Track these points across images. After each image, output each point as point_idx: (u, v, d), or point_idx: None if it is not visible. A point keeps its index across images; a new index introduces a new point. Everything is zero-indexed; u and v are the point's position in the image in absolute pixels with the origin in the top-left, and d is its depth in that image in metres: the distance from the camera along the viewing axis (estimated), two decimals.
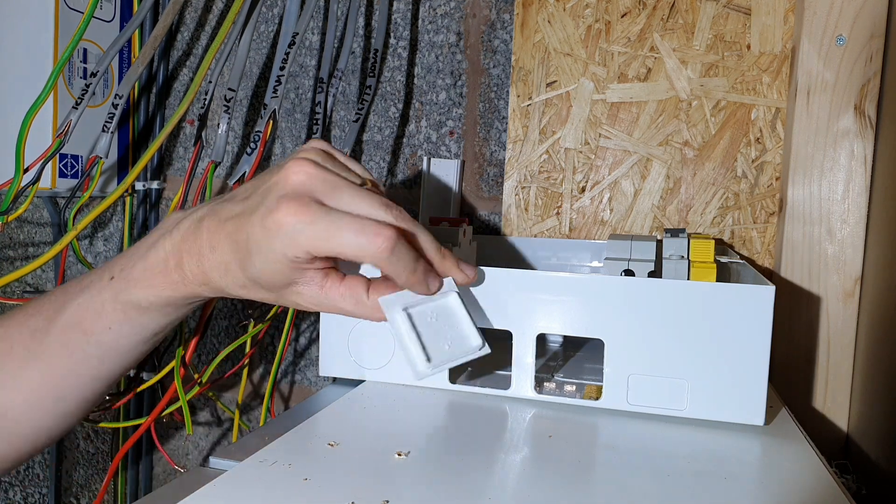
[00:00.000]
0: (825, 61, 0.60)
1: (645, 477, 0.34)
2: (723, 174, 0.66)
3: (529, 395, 0.44)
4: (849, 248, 0.60)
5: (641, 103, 0.68)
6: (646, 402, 0.41)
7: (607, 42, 0.68)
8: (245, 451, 0.37)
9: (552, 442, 0.38)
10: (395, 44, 0.77)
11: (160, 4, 0.79)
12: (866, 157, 0.60)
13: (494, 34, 0.74)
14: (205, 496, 0.30)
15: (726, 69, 0.65)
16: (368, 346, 0.46)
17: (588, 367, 0.52)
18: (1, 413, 0.42)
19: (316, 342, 0.83)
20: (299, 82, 0.81)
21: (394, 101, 0.78)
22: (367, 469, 0.33)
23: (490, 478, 0.33)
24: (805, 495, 0.32)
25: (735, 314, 0.39)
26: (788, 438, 0.39)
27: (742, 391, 0.39)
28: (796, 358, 0.61)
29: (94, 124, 0.74)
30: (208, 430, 0.88)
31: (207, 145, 0.83)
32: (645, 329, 0.41)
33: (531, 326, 0.43)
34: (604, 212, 0.69)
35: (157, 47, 0.62)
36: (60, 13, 0.72)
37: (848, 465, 0.57)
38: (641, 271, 0.49)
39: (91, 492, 0.94)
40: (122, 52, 0.81)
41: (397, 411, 0.42)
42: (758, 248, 0.65)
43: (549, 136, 0.70)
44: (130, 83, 0.62)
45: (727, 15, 0.65)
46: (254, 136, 0.58)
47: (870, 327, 0.58)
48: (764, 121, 0.65)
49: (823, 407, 0.61)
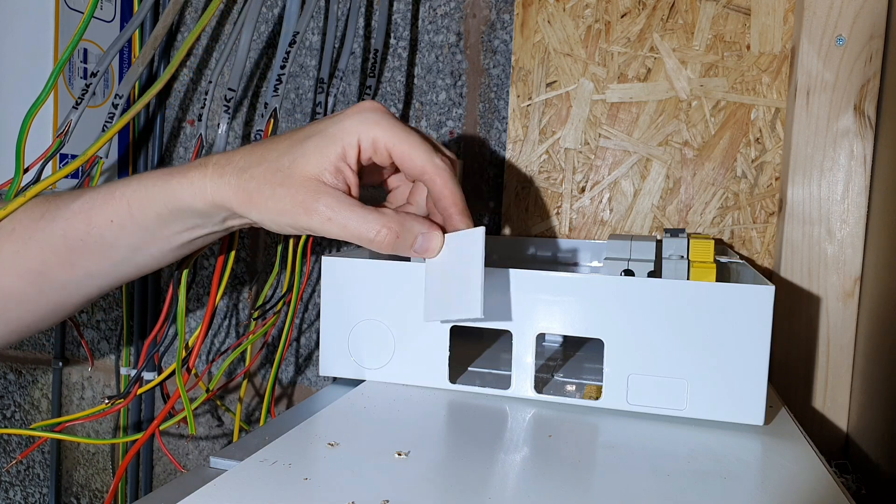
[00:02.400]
0: (825, 61, 0.60)
1: (645, 477, 0.34)
2: (722, 174, 0.66)
3: (529, 395, 0.44)
4: (848, 248, 0.60)
5: (641, 103, 0.68)
6: (646, 402, 0.41)
7: (607, 42, 0.68)
8: (245, 450, 0.37)
9: (552, 442, 0.38)
10: (395, 44, 0.77)
11: (160, 4, 0.79)
12: (866, 157, 0.60)
13: (494, 34, 0.74)
14: (205, 496, 0.30)
15: (726, 69, 0.65)
16: (368, 346, 0.47)
17: (588, 367, 0.52)
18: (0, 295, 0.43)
19: (316, 342, 0.83)
20: (299, 82, 0.81)
21: (394, 101, 0.78)
22: (366, 469, 0.33)
23: (490, 478, 0.33)
24: (805, 495, 0.32)
25: (735, 314, 0.39)
26: (788, 438, 0.39)
27: (742, 391, 0.39)
28: (796, 358, 0.61)
29: (94, 124, 0.74)
30: (208, 430, 0.88)
31: (207, 145, 0.83)
32: (645, 329, 0.41)
33: (531, 326, 0.43)
34: (604, 212, 0.69)
35: (157, 47, 0.62)
36: (60, 13, 0.72)
37: (848, 465, 0.57)
38: (641, 271, 0.50)
39: (91, 491, 0.94)
40: (123, 52, 0.81)
41: (397, 411, 0.42)
42: (757, 248, 0.65)
43: (548, 136, 0.70)
44: (131, 83, 0.62)
45: (727, 15, 0.65)
46: (255, 135, 0.58)
47: (869, 327, 0.58)
48: (764, 121, 0.65)
49: (823, 407, 0.61)
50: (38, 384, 0.96)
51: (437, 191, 0.40)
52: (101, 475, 0.93)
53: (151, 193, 0.41)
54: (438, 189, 0.40)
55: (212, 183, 0.40)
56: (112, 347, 0.92)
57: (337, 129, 0.39)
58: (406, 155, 0.39)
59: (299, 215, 0.39)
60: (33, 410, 0.96)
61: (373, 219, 0.39)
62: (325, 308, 0.47)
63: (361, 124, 0.39)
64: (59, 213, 0.43)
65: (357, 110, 0.40)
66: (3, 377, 0.97)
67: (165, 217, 0.42)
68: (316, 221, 0.39)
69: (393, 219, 0.40)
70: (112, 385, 0.92)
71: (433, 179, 0.40)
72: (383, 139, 0.39)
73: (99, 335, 0.92)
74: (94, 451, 0.93)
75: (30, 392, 0.96)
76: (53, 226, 0.43)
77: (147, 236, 0.43)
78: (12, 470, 0.97)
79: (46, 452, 0.95)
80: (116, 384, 0.92)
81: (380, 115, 0.40)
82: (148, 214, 0.42)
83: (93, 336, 0.92)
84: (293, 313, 0.63)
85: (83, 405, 0.93)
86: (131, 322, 0.87)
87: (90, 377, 0.93)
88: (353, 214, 0.39)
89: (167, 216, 0.42)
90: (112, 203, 0.42)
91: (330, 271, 0.47)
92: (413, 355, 0.46)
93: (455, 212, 0.41)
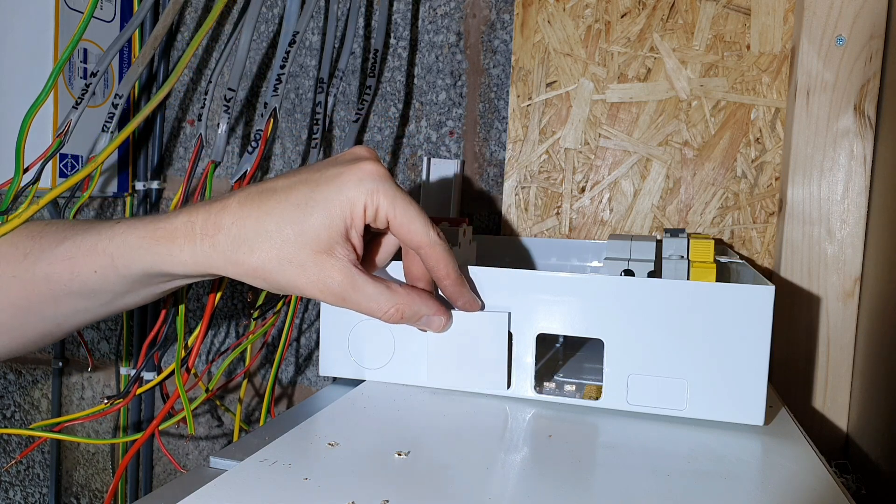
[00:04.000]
0: (825, 61, 0.60)
1: (645, 477, 0.34)
2: (722, 174, 0.66)
3: (529, 395, 0.44)
4: (848, 248, 0.60)
5: (641, 103, 0.68)
6: (645, 402, 0.41)
7: (607, 42, 0.68)
8: (245, 450, 0.37)
9: (552, 442, 0.38)
10: (395, 44, 0.77)
11: (160, 4, 0.79)
12: (866, 157, 0.60)
13: (494, 34, 0.74)
14: (205, 496, 0.30)
15: (726, 69, 0.65)
16: (368, 346, 0.47)
17: (588, 367, 0.52)
18: None
19: (316, 342, 0.83)
20: (299, 82, 0.81)
21: (394, 101, 0.78)
22: (366, 469, 0.33)
23: (490, 478, 0.33)
24: (805, 495, 0.32)
25: (735, 314, 0.39)
26: (788, 438, 0.39)
27: (742, 391, 0.39)
28: (796, 358, 0.61)
29: (94, 124, 0.74)
30: (208, 430, 0.88)
31: (207, 145, 0.83)
32: (645, 329, 0.41)
33: (531, 326, 0.43)
34: (604, 212, 0.69)
35: (157, 47, 0.62)
36: (60, 13, 0.72)
37: (848, 465, 0.57)
38: (641, 271, 0.49)
39: (91, 492, 0.94)
40: (122, 52, 0.81)
41: (397, 411, 0.42)
42: (757, 248, 0.65)
43: (548, 136, 0.70)
44: (130, 83, 0.62)
45: (727, 15, 0.65)
46: (255, 135, 0.58)
47: (869, 327, 0.58)
48: (763, 121, 0.65)
49: (823, 407, 0.61)
50: (38, 384, 0.96)
51: (431, 265, 0.41)
52: (101, 475, 0.93)
53: (137, 255, 0.40)
54: (433, 263, 0.41)
55: (203, 254, 0.39)
56: (112, 347, 0.92)
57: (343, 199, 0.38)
58: (405, 228, 0.39)
59: (310, 292, 0.39)
60: (33, 410, 0.96)
61: (383, 300, 0.40)
62: (325, 308, 0.47)
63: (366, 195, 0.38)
64: (42, 255, 0.42)
65: (358, 176, 0.38)
66: (3, 377, 0.97)
67: (152, 275, 0.41)
68: (329, 299, 0.39)
69: (402, 299, 0.40)
70: (112, 385, 0.92)
71: (429, 255, 0.40)
72: (384, 210, 0.39)
73: (99, 335, 0.92)
74: (94, 451, 0.93)
75: (30, 392, 0.96)
76: (36, 268, 0.42)
77: (133, 286, 0.42)
78: (12, 470, 0.97)
79: (46, 452, 0.95)
80: (116, 384, 0.92)
81: (380, 183, 0.38)
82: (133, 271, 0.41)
83: (93, 336, 0.92)
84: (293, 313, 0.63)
85: (83, 405, 0.93)
86: (131, 322, 0.87)
87: (90, 377, 0.93)
88: (364, 295, 0.39)
89: (154, 275, 0.41)
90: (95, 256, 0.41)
91: None
92: (413, 355, 0.46)
93: (449, 284, 0.41)
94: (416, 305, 0.41)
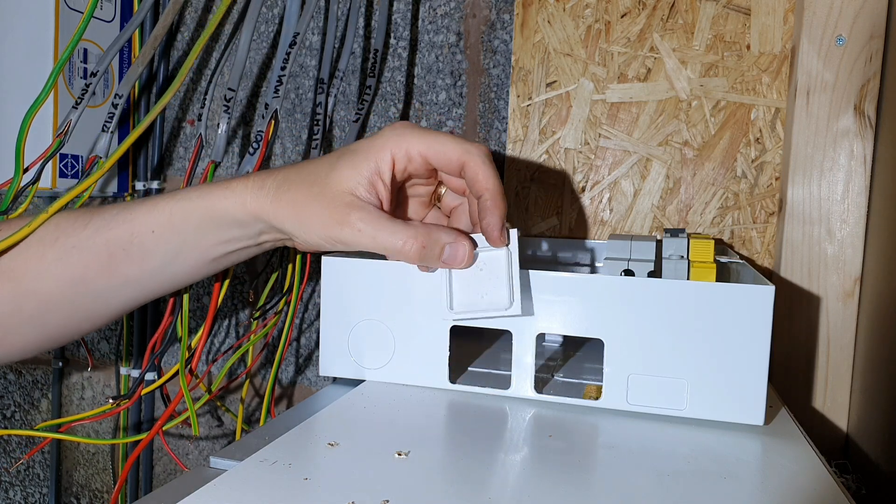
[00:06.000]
0: (825, 61, 0.60)
1: (645, 477, 0.34)
2: (722, 174, 0.66)
3: (529, 395, 0.44)
4: (848, 248, 0.60)
5: (641, 103, 0.68)
6: (645, 402, 0.41)
7: (607, 42, 0.68)
8: (245, 450, 0.37)
9: (552, 442, 0.38)
10: (395, 44, 0.77)
11: (160, 4, 0.79)
12: (866, 157, 0.60)
13: (494, 34, 0.74)
14: (205, 496, 0.30)
15: (726, 69, 0.65)
16: (368, 346, 0.47)
17: (588, 367, 0.52)
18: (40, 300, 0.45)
19: (316, 342, 0.83)
20: (300, 82, 0.81)
21: (394, 101, 0.78)
22: (366, 469, 0.33)
23: (490, 478, 0.33)
24: (805, 495, 0.32)
25: (735, 314, 0.39)
26: (788, 438, 0.39)
27: (742, 391, 0.39)
28: (796, 358, 0.61)
29: (94, 124, 0.74)
30: (208, 430, 0.88)
31: (207, 145, 0.83)
32: (645, 329, 0.41)
33: (531, 326, 0.43)
34: (604, 212, 0.69)
35: (157, 47, 0.62)
36: (60, 13, 0.72)
37: (848, 465, 0.57)
38: (641, 271, 0.50)
39: (91, 492, 0.94)
40: (122, 52, 0.81)
41: (397, 411, 0.42)
42: (757, 248, 0.65)
43: (548, 136, 0.70)
44: (130, 83, 0.62)
45: (727, 15, 0.65)
46: (256, 136, 0.58)
47: (869, 327, 0.58)
48: (764, 121, 0.65)
49: (823, 407, 0.61)
50: (38, 384, 0.96)
51: (470, 175, 0.42)
52: (101, 475, 0.93)
53: (193, 204, 0.44)
54: (472, 172, 0.42)
55: (251, 193, 0.43)
56: (112, 348, 0.92)
57: (370, 145, 0.42)
58: (440, 153, 0.42)
59: (332, 227, 0.41)
60: (33, 410, 0.96)
61: (400, 231, 0.41)
62: (325, 308, 0.47)
63: (392, 139, 0.42)
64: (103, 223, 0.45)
65: (389, 128, 0.43)
66: (3, 377, 0.97)
67: (204, 227, 0.44)
68: (347, 233, 0.41)
69: (420, 230, 0.41)
70: (112, 385, 0.92)
71: (468, 164, 0.42)
72: (416, 146, 0.42)
73: (99, 335, 0.92)
74: (94, 451, 0.93)
75: (30, 392, 0.96)
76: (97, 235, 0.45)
77: (184, 246, 0.45)
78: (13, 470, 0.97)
79: (46, 452, 0.95)
80: (116, 384, 0.92)
81: (409, 129, 0.42)
82: (188, 224, 0.44)
83: (93, 336, 0.92)
84: (293, 313, 0.63)
85: (83, 405, 0.93)
86: (131, 322, 0.87)
87: (90, 377, 0.93)
88: (383, 227, 0.41)
89: (206, 226, 0.44)
90: (154, 214, 0.44)
91: (330, 271, 0.47)
92: (413, 355, 0.46)
93: (488, 196, 0.42)
94: (434, 233, 0.42)
